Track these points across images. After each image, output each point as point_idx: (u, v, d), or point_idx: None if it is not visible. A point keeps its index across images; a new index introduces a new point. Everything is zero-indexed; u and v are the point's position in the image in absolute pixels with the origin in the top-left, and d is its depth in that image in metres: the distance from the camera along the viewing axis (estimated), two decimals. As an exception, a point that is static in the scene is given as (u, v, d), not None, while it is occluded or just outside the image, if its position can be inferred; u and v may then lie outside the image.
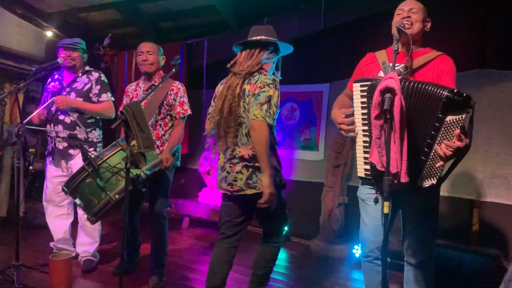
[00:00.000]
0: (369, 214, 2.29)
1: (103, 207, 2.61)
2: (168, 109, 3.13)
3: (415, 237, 2.24)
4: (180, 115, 3.14)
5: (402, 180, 1.91)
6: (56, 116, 3.27)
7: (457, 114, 1.86)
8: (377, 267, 2.28)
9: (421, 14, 2.23)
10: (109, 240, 4.15)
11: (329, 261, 4.00)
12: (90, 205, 2.64)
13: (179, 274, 3.49)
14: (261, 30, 2.56)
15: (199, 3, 4.69)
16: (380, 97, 1.86)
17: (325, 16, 4.28)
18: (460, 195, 3.60)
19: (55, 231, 3.45)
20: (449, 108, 1.86)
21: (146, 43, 3.19)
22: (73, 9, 4.93)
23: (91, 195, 2.63)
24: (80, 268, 3.38)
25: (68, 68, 3.35)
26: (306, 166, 4.65)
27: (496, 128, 3.45)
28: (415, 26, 2.20)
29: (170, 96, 3.13)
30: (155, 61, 3.15)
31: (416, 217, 2.21)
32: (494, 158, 3.46)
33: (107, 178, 2.63)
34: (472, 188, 3.55)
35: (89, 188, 2.63)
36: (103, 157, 2.66)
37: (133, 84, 3.36)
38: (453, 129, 1.87)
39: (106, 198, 2.61)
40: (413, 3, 2.27)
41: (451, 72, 2.16)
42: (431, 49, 2.28)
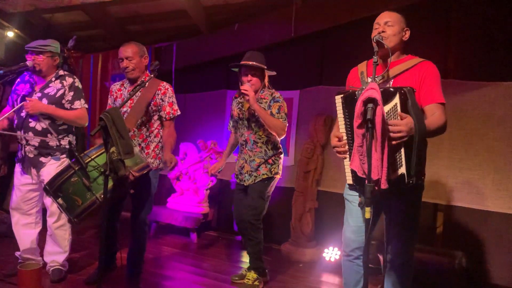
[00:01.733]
0: (353, 215, 2.37)
1: (87, 208, 2.50)
2: (155, 109, 3.10)
3: (398, 240, 2.33)
4: (170, 116, 3.13)
5: (382, 187, 1.99)
6: (26, 122, 3.10)
7: (391, 102, 2.03)
8: (356, 267, 2.37)
9: (397, 26, 2.30)
10: (78, 249, 4.02)
11: (300, 265, 4.07)
12: (74, 205, 2.52)
13: (152, 281, 3.44)
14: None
15: (170, 8, 4.66)
16: (363, 107, 1.94)
17: (295, 24, 4.37)
18: (425, 199, 3.74)
19: (22, 241, 3.29)
20: (385, 100, 1.99)
21: (125, 47, 3.07)
22: (38, 10, 4.76)
23: (75, 195, 2.51)
24: (48, 278, 3.26)
25: (35, 72, 3.19)
26: (277, 172, 4.70)
27: (459, 135, 3.64)
28: (389, 40, 2.28)
29: (158, 96, 3.09)
30: (137, 65, 3.06)
31: (399, 221, 2.30)
32: (457, 164, 3.65)
33: (94, 177, 2.52)
34: (436, 192, 3.72)
35: (74, 187, 2.51)
36: (91, 155, 2.55)
37: (118, 84, 3.28)
38: (396, 115, 2.02)
39: (92, 198, 2.50)
40: (388, 15, 2.34)
41: (432, 76, 2.25)
42: (414, 56, 2.36)
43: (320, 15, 4.28)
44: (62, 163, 3.20)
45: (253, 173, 3.27)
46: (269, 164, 3.29)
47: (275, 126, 3.13)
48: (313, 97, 4.51)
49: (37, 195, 3.27)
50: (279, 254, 4.33)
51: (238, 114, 3.38)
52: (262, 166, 3.27)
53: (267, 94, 3.29)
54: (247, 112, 3.30)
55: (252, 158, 3.29)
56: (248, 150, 3.31)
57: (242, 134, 3.35)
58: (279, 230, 4.53)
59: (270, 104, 3.22)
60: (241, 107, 3.35)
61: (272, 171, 3.29)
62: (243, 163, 3.35)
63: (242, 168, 3.35)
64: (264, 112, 3.13)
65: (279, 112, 3.19)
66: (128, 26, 5.36)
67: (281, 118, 3.19)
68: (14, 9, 4.77)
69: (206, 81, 5.30)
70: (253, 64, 3.22)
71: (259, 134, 3.28)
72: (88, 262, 3.75)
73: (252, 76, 3.23)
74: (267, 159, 3.27)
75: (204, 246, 4.62)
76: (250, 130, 3.30)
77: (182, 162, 5.12)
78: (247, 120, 3.30)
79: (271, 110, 3.19)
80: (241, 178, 3.38)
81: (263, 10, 4.59)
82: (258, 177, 3.27)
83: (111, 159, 2.34)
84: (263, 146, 3.28)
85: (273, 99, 3.25)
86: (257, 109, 3.09)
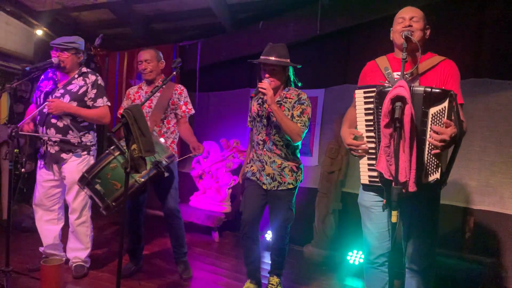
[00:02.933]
0: (374, 221, 2.29)
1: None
2: (172, 108, 3.37)
3: (418, 244, 2.24)
4: (186, 113, 3.42)
5: (410, 190, 1.91)
6: (48, 119, 3.15)
7: (439, 105, 1.93)
8: (381, 274, 2.29)
9: (421, 23, 2.25)
10: (99, 246, 4.06)
11: (323, 267, 3.99)
12: (112, 190, 2.71)
13: (172, 279, 3.43)
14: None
15: (194, 6, 4.65)
16: (391, 105, 1.85)
17: (321, 22, 4.29)
18: (454, 203, 3.62)
19: (45, 236, 3.35)
20: (429, 101, 1.93)
21: (145, 51, 3.37)
22: (65, 8, 4.83)
23: (114, 180, 2.71)
24: (70, 274, 3.29)
25: (59, 69, 3.23)
26: (300, 172, 4.63)
27: (491, 137, 3.49)
28: (416, 34, 2.22)
29: (175, 95, 3.38)
30: (154, 68, 3.36)
31: (419, 225, 2.22)
32: (489, 167, 3.49)
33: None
34: (466, 196, 3.58)
35: (112, 172, 2.71)
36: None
37: (135, 87, 3.52)
38: (440, 120, 1.93)
39: (131, 181, 2.67)
40: (414, 11, 2.28)
41: (454, 75, 2.21)
42: (433, 54, 2.31)
43: (346, 12, 4.18)
44: (83, 160, 3.22)
45: (276, 178, 2.96)
46: (294, 172, 3.00)
47: (291, 131, 2.79)
48: (338, 96, 4.41)
49: (59, 191, 3.31)
50: (301, 256, 4.25)
51: (257, 111, 3.06)
52: (286, 171, 2.96)
53: (293, 93, 2.98)
54: (267, 111, 3.00)
55: (272, 159, 2.98)
56: (267, 150, 3.00)
57: (260, 132, 3.04)
58: (301, 232, 4.44)
59: (294, 105, 2.92)
60: (262, 104, 3.05)
61: (297, 179, 3.04)
62: (262, 165, 3.02)
63: (263, 170, 3.02)
64: (282, 114, 2.81)
65: (300, 116, 2.88)
66: (153, 24, 5.38)
67: (300, 123, 2.86)
68: (43, 7, 4.85)
69: (230, 79, 5.27)
70: (273, 61, 2.89)
71: (279, 135, 2.97)
72: (110, 258, 3.78)
73: (271, 74, 2.91)
74: (290, 164, 2.98)
75: (226, 246, 4.58)
76: (270, 129, 2.98)
77: (205, 160, 5.11)
78: (267, 119, 3.00)
79: (293, 112, 2.90)
80: (260, 179, 3.03)
81: (288, 7, 4.52)
82: (283, 185, 2.97)
83: (132, 156, 2.32)
84: (283, 149, 2.97)
85: (298, 100, 2.93)
86: (275, 110, 2.77)
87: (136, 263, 3.53)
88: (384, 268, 2.27)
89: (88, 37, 5.31)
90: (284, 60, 2.92)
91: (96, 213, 3.50)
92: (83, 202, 3.28)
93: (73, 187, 3.22)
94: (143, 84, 3.47)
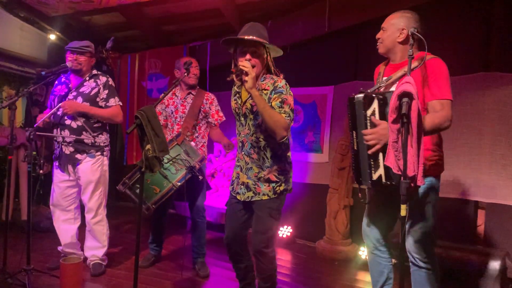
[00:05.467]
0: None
1: (165, 194, 2.92)
2: (204, 115, 3.58)
3: (413, 237, 2.31)
4: (218, 121, 3.64)
5: (418, 183, 1.94)
6: (62, 120, 3.25)
7: (371, 106, 2.16)
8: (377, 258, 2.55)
9: (390, 29, 2.35)
10: (116, 244, 4.15)
11: (335, 262, 4.02)
12: (151, 194, 2.92)
13: (186, 276, 3.50)
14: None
15: (203, 7, 4.70)
16: (398, 101, 1.89)
17: (329, 19, 4.31)
18: (465, 197, 3.63)
19: (62, 236, 3.44)
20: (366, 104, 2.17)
21: (192, 58, 3.61)
22: (77, 12, 4.92)
23: (153, 184, 2.93)
24: (88, 272, 3.38)
25: (75, 72, 3.33)
26: (311, 169, 4.67)
27: (502, 130, 3.49)
28: (382, 45, 2.40)
29: (206, 104, 3.58)
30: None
31: (411, 220, 2.30)
32: (500, 160, 3.49)
33: (168, 167, 2.95)
34: (478, 189, 3.58)
35: (151, 178, 2.94)
36: None
37: (169, 93, 3.60)
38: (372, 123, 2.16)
39: (169, 186, 2.90)
40: (385, 21, 2.41)
41: (435, 73, 2.20)
42: (423, 54, 2.23)
43: (354, 9, 4.20)
44: (97, 160, 3.31)
45: (251, 187, 2.47)
46: (272, 182, 2.45)
47: (275, 122, 2.26)
48: (348, 93, 4.34)
49: (75, 191, 3.39)
50: (313, 252, 4.29)
51: (234, 108, 2.57)
52: (262, 181, 2.45)
53: (269, 82, 2.41)
54: (243, 106, 2.47)
55: (249, 166, 2.48)
56: (245, 154, 2.51)
57: (239, 133, 2.57)
58: (313, 228, 4.49)
59: (270, 96, 2.37)
60: (238, 98, 2.53)
61: (276, 190, 2.46)
62: (238, 171, 2.57)
63: (238, 177, 2.56)
64: (264, 101, 2.28)
65: (281, 106, 2.32)
66: (163, 26, 5.44)
67: (284, 114, 2.31)
68: (56, 12, 4.95)
69: (240, 79, 5.29)
70: (252, 39, 2.32)
71: (257, 136, 2.45)
72: (126, 256, 3.87)
73: (252, 56, 2.36)
74: (266, 172, 2.45)
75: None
76: (248, 129, 2.48)
77: (217, 159, 5.17)
78: (244, 116, 2.49)
79: (271, 103, 2.34)
80: (235, 189, 2.57)
81: (296, 6, 4.55)
82: (257, 196, 2.46)
83: (147, 156, 2.39)
84: (260, 153, 2.45)
85: (274, 89, 2.36)
86: (256, 96, 2.24)
87: (157, 253, 3.78)
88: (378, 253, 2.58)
89: (100, 40, 5.43)
90: (264, 41, 2.37)
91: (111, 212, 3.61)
92: (98, 201, 3.36)
93: (88, 187, 3.31)
94: (177, 90, 3.63)
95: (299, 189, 4.67)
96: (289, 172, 2.54)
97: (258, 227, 2.46)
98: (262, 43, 2.35)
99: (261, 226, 2.46)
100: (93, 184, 3.30)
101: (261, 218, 2.46)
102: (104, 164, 3.38)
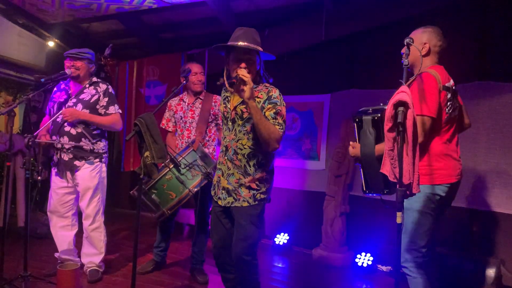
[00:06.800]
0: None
1: (182, 199, 2.90)
2: (213, 118, 3.61)
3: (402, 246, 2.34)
4: None
5: (414, 191, 1.97)
6: (62, 127, 3.26)
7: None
8: None
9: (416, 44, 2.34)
10: (112, 251, 4.15)
11: (331, 270, 4.03)
12: (167, 199, 2.89)
13: (183, 283, 3.50)
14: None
15: (201, 15, 4.75)
16: (393, 110, 1.92)
17: (326, 28, 4.36)
18: (460, 205, 3.66)
19: (59, 242, 3.43)
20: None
21: (197, 64, 3.62)
22: (76, 20, 4.95)
23: (169, 190, 2.90)
24: (85, 279, 3.37)
25: (74, 79, 3.34)
26: (308, 176, 4.70)
27: (496, 139, 3.53)
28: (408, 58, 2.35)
29: (215, 107, 3.60)
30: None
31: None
32: (494, 168, 3.53)
33: (184, 173, 2.96)
34: (473, 197, 3.62)
35: (168, 183, 2.91)
36: (182, 155, 2.93)
37: (176, 99, 3.69)
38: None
39: (185, 191, 2.89)
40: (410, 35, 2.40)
41: (417, 88, 2.32)
42: (433, 67, 2.44)
43: (351, 18, 4.26)
44: (95, 167, 3.32)
45: (231, 193, 2.43)
46: (253, 189, 2.41)
47: (269, 135, 2.27)
48: (344, 101, 4.48)
49: (72, 198, 3.40)
50: (310, 259, 4.30)
51: (223, 112, 2.55)
52: (243, 188, 2.41)
53: (262, 91, 2.40)
54: (233, 111, 2.45)
55: (231, 171, 2.44)
56: (228, 159, 2.46)
57: (225, 137, 2.52)
58: (310, 235, 4.50)
59: (263, 105, 2.36)
60: (227, 102, 2.51)
61: (256, 197, 2.42)
62: (219, 175, 2.52)
63: (219, 182, 2.51)
64: (261, 113, 2.27)
65: (275, 118, 2.32)
66: (161, 34, 5.49)
67: (278, 126, 2.32)
68: (54, 19, 4.98)
69: (237, 86, 5.33)
70: (248, 46, 2.30)
71: (242, 142, 2.41)
72: (123, 263, 3.86)
73: (247, 64, 2.33)
74: (248, 180, 2.41)
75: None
76: (234, 135, 2.44)
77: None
78: (232, 121, 2.46)
79: (264, 113, 2.33)
80: (217, 193, 2.53)
81: (293, 15, 4.60)
82: (237, 202, 2.42)
83: (145, 163, 2.41)
84: (243, 160, 2.41)
85: (268, 98, 2.36)
86: (253, 107, 2.21)
87: (160, 260, 3.75)
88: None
89: (98, 47, 5.46)
90: (259, 48, 2.35)
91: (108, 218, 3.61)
92: (96, 208, 3.37)
93: (86, 194, 3.32)
94: (185, 96, 3.66)
95: (295, 196, 4.69)
96: (270, 182, 2.51)
97: (239, 235, 2.42)
98: (257, 49, 2.33)
99: (242, 233, 2.41)
100: (91, 190, 3.31)
101: (241, 225, 2.41)
102: (102, 170, 3.39)
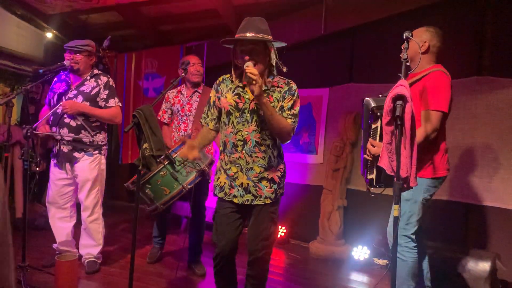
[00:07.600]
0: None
1: (175, 196, 2.91)
2: None
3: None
4: None
5: (411, 184, 1.98)
6: (62, 119, 3.26)
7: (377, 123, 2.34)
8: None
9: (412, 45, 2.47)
10: (111, 242, 4.16)
11: (328, 263, 4.06)
12: (161, 195, 2.91)
13: (180, 275, 3.52)
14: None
15: (201, 7, 4.73)
16: (392, 104, 1.93)
17: (325, 22, 4.35)
18: (457, 199, 3.69)
19: (57, 233, 3.45)
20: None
21: (195, 56, 3.62)
22: (75, 11, 4.93)
23: (163, 186, 2.90)
24: (83, 270, 3.39)
25: (73, 71, 3.34)
26: (306, 169, 4.71)
27: (493, 134, 3.54)
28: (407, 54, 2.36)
29: None
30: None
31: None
32: (492, 163, 3.55)
33: (179, 170, 2.95)
34: (469, 192, 3.64)
35: (162, 179, 2.89)
36: (177, 152, 2.93)
37: (174, 91, 3.68)
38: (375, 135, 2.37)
39: (179, 188, 2.89)
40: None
41: (430, 85, 2.45)
42: (432, 66, 2.56)
43: (350, 12, 4.25)
44: (95, 159, 3.33)
45: (251, 190, 2.34)
46: (275, 184, 2.37)
47: (281, 129, 2.27)
48: (343, 95, 4.48)
49: (71, 189, 3.40)
50: (307, 252, 4.33)
51: (235, 103, 2.35)
52: (264, 182, 2.34)
53: (282, 81, 2.38)
54: (252, 102, 2.32)
55: (250, 166, 2.32)
56: (246, 153, 2.32)
57: (238, 131, 2.33)
58: (307, 228, 4.53)
59: (284, 95, 2.34)
60: (243, 94, 2.35)
61: (277, 193, 2.40)
62: (236, 171, 2.35)
63: (234, 179, 2.36)
64: (272, 108, 2.24)
65: (291, 109, 2.33)
66: (160, 26, 5.46)
67: (291, 118, 2.32)
68: (53, 10, 4.96)
69: (236, 79, 5.32)
70: (254, 37, 2.21)
71: (265, 134, 2.33)
72: (121, 255, 3.88)
73: (251, 55, 2.23)
74: (270, 174, 2.35)
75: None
76: (255, 126, 2.31)
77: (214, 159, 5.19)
78: (251, 112, 2.32)
79: (283, 103, 2.32)
80: (230, 192, 2.37)
81: (293, 8, 4.59)
82: (258, 199, 2.34)
83: (144, 155, 2.42)
84: (268, 151, 2.34)
85: (289, 89, 2.35)
86: (264, 104, 2.17)
87: (161, 246, 3.89)
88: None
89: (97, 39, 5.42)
90: (265, 36, 2.26)
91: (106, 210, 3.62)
92: (95, 200, 3.38)
93: (85, 185, 3.32)
94: (183, 88, 3.67)
95: (293, 189, 4.70)
96: (285, 175, 2.49)
97: (261, 233, 2.37)
98: (260, 39, 2.23)
99: (264, 232, 2.37)
100: (90, 182, 3.32)
101: (263, 223, 2.37)
102: (101, 163, 3.40)
